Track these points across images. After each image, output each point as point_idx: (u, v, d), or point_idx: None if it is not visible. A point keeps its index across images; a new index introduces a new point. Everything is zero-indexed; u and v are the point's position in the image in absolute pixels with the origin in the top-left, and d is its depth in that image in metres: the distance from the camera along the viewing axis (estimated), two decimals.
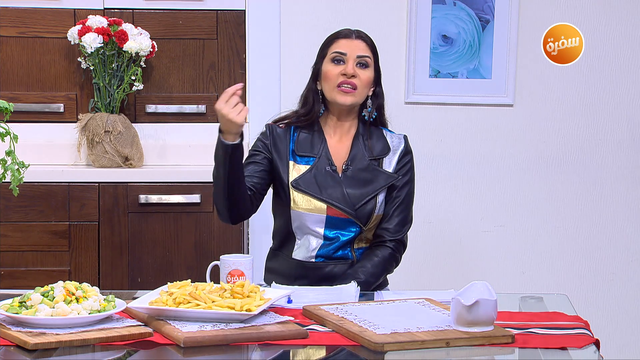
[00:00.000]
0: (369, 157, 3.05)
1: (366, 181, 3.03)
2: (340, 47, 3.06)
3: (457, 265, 4.20)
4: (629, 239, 4.22)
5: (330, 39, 3.10)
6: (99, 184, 3.82)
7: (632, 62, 4.16)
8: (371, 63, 3.07)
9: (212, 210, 3.83)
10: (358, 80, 3.03)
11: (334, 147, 3.08)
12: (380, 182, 3.04)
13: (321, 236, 3.01)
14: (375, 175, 3.04)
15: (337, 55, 3.05)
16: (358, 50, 3.06)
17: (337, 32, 3.11)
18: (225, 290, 2.45)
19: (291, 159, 3.05)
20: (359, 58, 3.05)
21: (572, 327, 2.42)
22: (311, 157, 3.05)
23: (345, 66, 3.03)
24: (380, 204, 3.03)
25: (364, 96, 3.07)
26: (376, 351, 2.21)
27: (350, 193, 3.00)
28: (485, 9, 4.10)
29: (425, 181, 4.12)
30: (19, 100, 4.01)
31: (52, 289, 2.41)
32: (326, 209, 2.99)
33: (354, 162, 3.05)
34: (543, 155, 4.18)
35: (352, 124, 3.10)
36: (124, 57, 3.91)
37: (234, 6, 4.08)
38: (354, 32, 3.09)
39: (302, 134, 3.06)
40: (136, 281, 3.82)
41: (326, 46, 3.09)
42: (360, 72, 3.04)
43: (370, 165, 3.05)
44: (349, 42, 3.06)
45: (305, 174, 3.02)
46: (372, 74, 3.07)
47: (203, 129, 4.09)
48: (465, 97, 4.14)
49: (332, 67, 3.05)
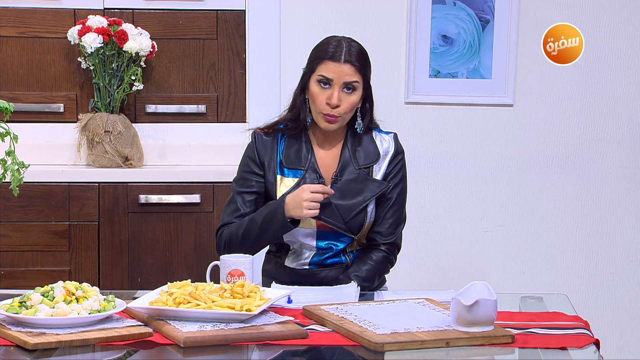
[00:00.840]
0: (357, 166, 2.98)
1: (356, 192, 2.96)
2: (327, 72, 2.91)
3: (457, 265, 4.20)
4: (629, 239, 4.22)
5: (319, 57, 2.94)
6: (99, 184, 3.82)
7: (632, 62, 4.16)
8: (359, 86, 2.94)
9: (212, 210, 3.83)
10: (342, 109, 2.91)
11: (322, 157, 3.01)
12: (370, 191, 2.97)
13: (313, 248, 2.99)
14: (366, 184, 2.97)
15: (323, 78, 2.92)
16: (345, 77, 2.91)
17: (327, 48, 2.94)
18: (225, 290, 2.45)
19: (279, 173, 2.99)
20: (345, 84, 2.91)
21: (572, 327, 2.42)
22: (299, 169, 2.98)
23: (330, 92, 2.90)
24: (371, 212, 2.99)
25: (348, 118, 2.97)
26: (376, 351, 2.21)
27: (339, 205, 2.93)
28: (485, 9, 4.10)
29: (425, 181, 4.12)
30: (19, 100, 4.01)
31: (52, 289, 2.41)
32: (316, 223, 2.96)
33: (343, 173, 2.98)
34: (543, 155, 4.18)
35: (340, 131, 3.01)
36: (124, 57, 3.91)
37: (234, 6, 4.08)
38: (344, 52, 2.92)
39: (290, 142, 2.99)
40: (136, 281, 3.82)
41: (314, 62, 2.95)
42: (346, 97, 2.91)
43: (359, 175, 2.98)
44: (336, 66, 2.91)
45: (293, 188, 2.94)
46: (358, 97, 2.94)
47: (203, 129, 4.09)
48: (465, 97, 4.14)
49: (318, 89, 2.92)
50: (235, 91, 4.09)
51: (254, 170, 3.01)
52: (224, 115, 4.10)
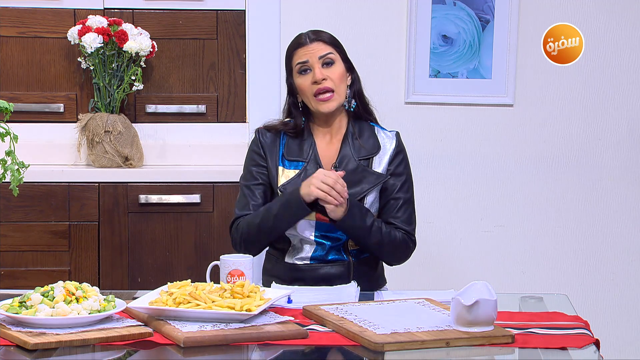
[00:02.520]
0: (357, 157, 3.03)
1: (354, 182, 2.99)
2: (300, 57, 3.03)
3: (457, 265, 4.20)
4: (629, 239, 4.22)
5: (290, 52, 3.08)
6: (99, 184, 3.82)
7: (632, 62, 4.16)
8: (336, 57, 3.04)
9: (212, 210, 3.83)
10: (330, 82, 2.99)
11: (323, 149, 3.06)
12: (369, 182, 3.01)
13: (312, 242, 3.00)
14: (364, 175, 3.01)
15: (300, 66, 3.02)
16: (318, 52, 3.02)
17: (293, 43, 3.08)
18: (225, 290, 2.45)
19: (280, 164, 3.04)
20: (321, 59, 3.01)
21: (572, 327, 2.42)
22: (300, 161, 3.03)
23: (312, 73, 3.00)
24: (369, 204, 3.01)
25: (343, 93, 3.03)
26: (376, 351, 2.21)
27: None
28: (485, 9, 4.10)
29: (425, 181, 4.12)
30: (19, 100, 4.01)
31: (52, 289, 2.41)
32: (315, 215, 2.98)
33: (343, 164, 3.02)
34: (543, 155, 4.18)
35: (341, 123, 3.08)
36: (124, 57, 3.91)
37: (234, 6, 4.08)
38: (307, 36, 3.05)
39: (292, 139, 3.05)
40: (136, 281, 3.82)
41: (289, 60, 3.07)
42: (328, 71, 3.01)
43: (359, 166, 3.02)
44: (305, 49, 3.03)
45: (293, 179, 3.00)
46: (341, 67, 3.03)
47: (203, 129, 4.09)
48: (465, 97, 4.14)
49: (302, 79, 3.02)
50: (235, 91, 4.09)
51: (259, 163, 3.05)
52: (224, 115, 4.10)
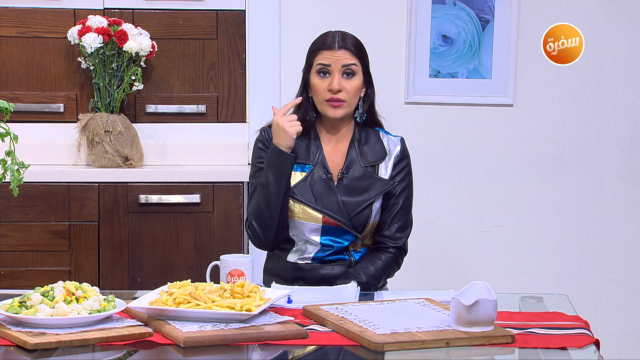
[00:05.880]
0: (364, 164, 3.03)
1: (362, 189, 3.00)
2: (324, 59, 2.99)
3: (457, 265, 4.20)
4: (629, 239, 4.22)
5: (315, 49, 3.03)
6: (99, 184, 3.82)
7: (632, 62, 4.16)
8: (358, 69, 3.01)
9: (212, 210, 3.83)
10: (345, 93, 2.98)
11: (330, 153, 3.05)
12: (376, 189, 3.02)
13: (317, 244, 3.01)
14: (371, 182, 3.02)
15: (321, 67, 2.99)
16: (342, 61, 2.99)
17: (321, 40, 3.04)
18: (225, 290, 2.45)
19: None
20: (344, 68, 2.98)
21: (572, 327, 2.42)
22: (307, 164, 3.02)
23: (331, 79, 2.98)
24: (376, 211, 3.02)
25: (354, 104, 3.02)
26: (376, 351, 2.21)
27: (345, 202, 2.98)
28: (485, 9, 4.10)
29: (425, 181, 4.12)
30: (19, 100, 4.01)
31: (52, 289, 2.41)
32: (322, 218, 2.99)
33: (350, 170, 3.02)
34: (543, 155, 4.18)
35: (348, 128, 3.07)
36: (124, 57, 3.91)
37: (234, 6, 4.08)
38: (337, 40, 3.01)
39: (298, 138, 3.02)
40: (136, 281, 3.82)
41: (311, 55, 3.03)
42: (347, 82, 2.98)
43: (366, 173, 3.02)
44: (332, 53, 2.99)
45: (301, 182, 3.00)
46: (359, 81, 3.01)
47: (203, 129, 4.09)
48: (465, 97, 4.14)
49: (318, 80, 3.00)
50: (235, 91, 4.09)
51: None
52: (224, 115, 4.10)
